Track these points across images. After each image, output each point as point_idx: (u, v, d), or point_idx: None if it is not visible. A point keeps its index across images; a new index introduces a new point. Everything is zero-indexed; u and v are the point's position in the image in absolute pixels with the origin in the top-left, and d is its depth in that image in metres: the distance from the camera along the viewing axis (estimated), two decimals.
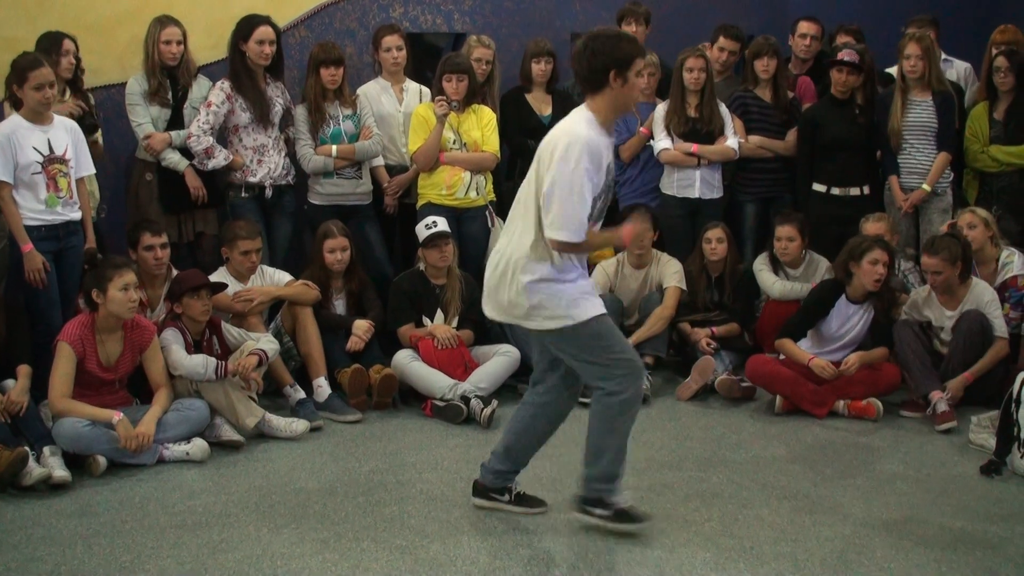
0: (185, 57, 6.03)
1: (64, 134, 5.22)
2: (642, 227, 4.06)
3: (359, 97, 6.31)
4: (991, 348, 5.47)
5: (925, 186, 6.33)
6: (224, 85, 5.95)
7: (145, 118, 5.96)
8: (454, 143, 6.19)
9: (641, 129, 6.55)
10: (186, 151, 6.01)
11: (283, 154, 6.13)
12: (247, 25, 5.96)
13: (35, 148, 5.09)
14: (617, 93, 3.79)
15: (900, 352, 5.53)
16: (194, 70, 6.14)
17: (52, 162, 5.14)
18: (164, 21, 5.95)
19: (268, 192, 6.08)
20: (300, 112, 6.17)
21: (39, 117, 5.13)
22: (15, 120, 5.12)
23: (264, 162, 6.04)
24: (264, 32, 5.94)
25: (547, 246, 3.80)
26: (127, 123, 6.02)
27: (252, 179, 6.03)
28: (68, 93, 5.70)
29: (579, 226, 3.74)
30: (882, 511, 4.30)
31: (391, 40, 6.41)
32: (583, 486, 4.05)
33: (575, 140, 3.72)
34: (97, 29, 6.26)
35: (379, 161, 6.42)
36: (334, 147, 6.13)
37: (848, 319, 5.68)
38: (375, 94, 6.44)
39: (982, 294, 5.56)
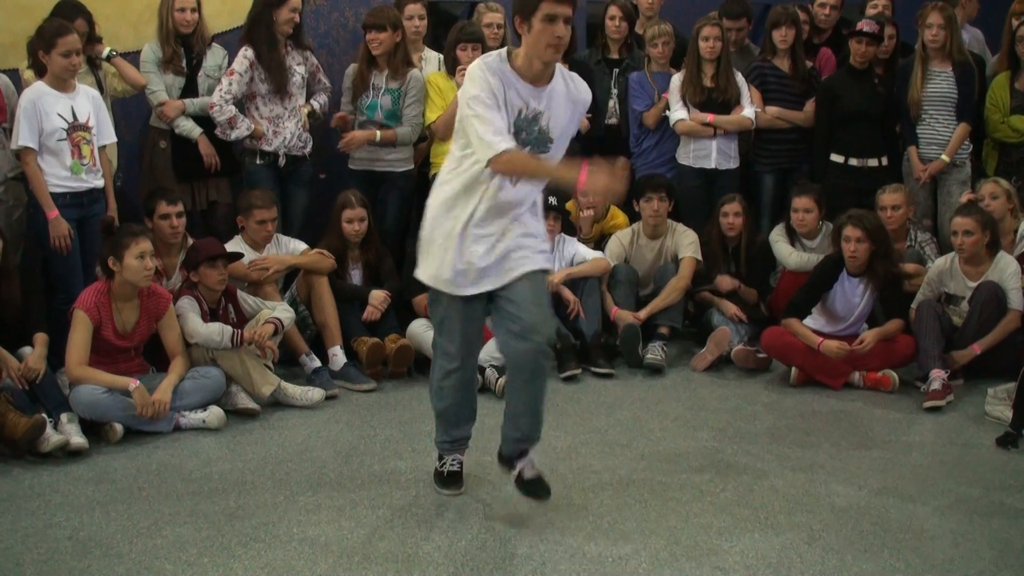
0: (199, 25, 6.01)
1: (87, 102, 5.24)
2: (611, 178, 3.40)
3: (411, 77, 6.15)
4: (1003, 320, 5.45)
5: (944, 157, 6.28)
6: (248, 53, 5.87)
7: (159, 86, 5.95)
8: None
9: (664, 95, 6.49)
10: (199, 119, 6.00)
11: (298, 123, 6.07)
12: None
13: (59, 115, 5.12)
14: (527, 39, 3.67)
15: (917, 331, 5.50)
16: (208, 38, 6.12)
17: (76, 129, 5.16)
18: None
19: (282, 161, 6.04)
20: (350, 71, 6.21)
21: (63, 84, 5.15)
22: (39, 87, 5.14)
23: (280, 132, 6.00)
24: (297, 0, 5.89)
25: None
26: (141, 90, 6.00)
27: (267, 148, 5.99)
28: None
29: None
30: (897, 482, 4.30)
31: (414, 8, 6.33)
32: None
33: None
34: None
35: None
36: (378, 132, 6.08)
37: (852, 292, 5.64)
38: None
39: (1007, 266, 5.51)
